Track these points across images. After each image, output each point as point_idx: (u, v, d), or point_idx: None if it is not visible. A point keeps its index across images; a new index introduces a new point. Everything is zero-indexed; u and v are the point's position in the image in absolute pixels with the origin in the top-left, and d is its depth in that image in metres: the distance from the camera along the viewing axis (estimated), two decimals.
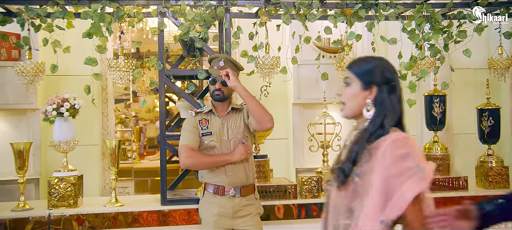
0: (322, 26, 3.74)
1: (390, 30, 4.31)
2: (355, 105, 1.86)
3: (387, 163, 1.71)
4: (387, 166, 1.71)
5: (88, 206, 3.64)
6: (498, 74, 3.89)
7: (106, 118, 4.86)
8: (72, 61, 4.31)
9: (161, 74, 3.56)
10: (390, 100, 1.83)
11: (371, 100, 1.82)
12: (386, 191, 1.70)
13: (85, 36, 3.48)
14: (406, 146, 1.73)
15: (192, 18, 3.49)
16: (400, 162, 1.70)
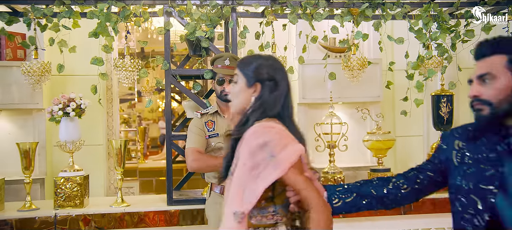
0: (328, 26, 3.73)
1: (397, 30, 4.30)
2: (241, 102, 1.94)
3: (245, 156, 1.77)
4: (245, 159, 1.77)
5: (94, 206, 3.63)
6: None
7: (111, 117, 4.85)
8: (77, 61, 4.30)
9: (167, 74, 3.55)
10: (274, 97, 1.91)
11: (255, 97, 1.91)
12: (244, 185, 1.76)
13: (91, 35, 3.47)
14: (264, 135, 1.78)
15: (199, 17, 3.47)
16: (256, 153, 1.77)
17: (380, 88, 4.63)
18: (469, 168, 1.94)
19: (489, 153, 1.90)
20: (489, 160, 1.89)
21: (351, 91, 4.44)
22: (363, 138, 4.06)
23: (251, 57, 2.00)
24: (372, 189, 2.16)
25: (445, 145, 2.10)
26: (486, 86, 1.85)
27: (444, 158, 2.07)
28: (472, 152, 1.96)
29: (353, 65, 3.75)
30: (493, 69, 1.84)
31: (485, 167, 1.89)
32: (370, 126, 4.47)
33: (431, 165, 2.14)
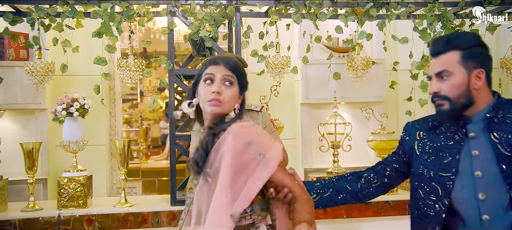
0: (333, 26, 3.72)
1: (400, 30, 4.29)
2: (231, 107, 1.92)
3: (230, 157, 1.76)
4: (230, 159, 1.75)
5: (97, 207, 3.62)
6: (511, 73, 3.86)
7: (113, 117, 4.84)
8: (79, 61, 4.30)
9: (171, 74, 3.54)
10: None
11: (239, 104, 1.94)
12: (232, 185, 1.75)
13: (95, 35, 3.46)
14: (247, 135, 1.80)
15: (202, 17, 3.46)
16: (243, 153, 1.77)
17: (383, 88, 4.62)
18: (429, 156, 2.05)
19: (448, 141, 2.01)
20: (447, 148, 2.00)
21: (354, 91, 4.43)
22: (367, 138, 4.05)
23: (242, 64, 2.04)
24: (347, 185, 2.26)
25: (408, 136, 2.20)
26: (444, 83, 1.94)
27: (408, 148, 2.16)
28: (432, 141, 2.06)
29: (358, 65, 3.74)
30: (448, 66, 1.94)
31: (443, 155, 2.00)
32: (373, 126, 4.46)
33: (396, 156, 2.24)
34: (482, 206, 1.89)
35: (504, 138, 1.88)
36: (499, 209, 1.86)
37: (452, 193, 1.94)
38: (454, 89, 1.94)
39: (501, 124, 1.91)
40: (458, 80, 1.93)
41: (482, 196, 1.89)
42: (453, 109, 1.95)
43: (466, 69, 1.93)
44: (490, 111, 1.95)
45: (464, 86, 1.93)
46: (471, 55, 1.94)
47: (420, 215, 2.06)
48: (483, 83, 1.96)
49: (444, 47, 1.98)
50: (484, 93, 1.97)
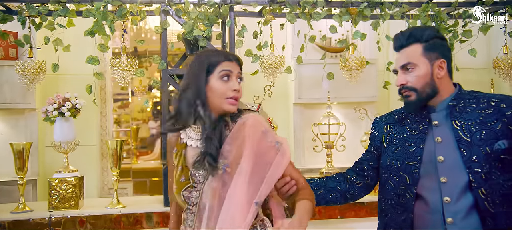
0: (326, 26, 3.71)
1: (393, 30, 4.28)
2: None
3: (252, 145, 1.79)
4: (252, 147, 1.79)
5: (89, 208, 3.57)
6: (503, 74, 3.88)
7: (104, 118, 4.78)
8: (70, 60, 4.23)
9: (164, 73, 3.50)
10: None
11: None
12: (256, 172, 1.77)
13: (87, 34, 3.42)
14: (263, 123, 1.86)
15: (196, 16, 3.43)
16: (262, 141, 1.81)
17: (375, 88, 4.62)
18: (396, 147, 2.16)
19: (413, 131, 2.12)
20: (412, 137, 2.11)
21: (346, 91, 4.43)
22: (361, 138, 4.04)
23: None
24: (337, 185, 2.33)
25: (377, 131, 2.31)
26: (410, 74, 2.05)
27: (378, 143, 2.27)
28: (399, 132, 2.18)
29: (352, 65, 3.73)
30: (412, 59, 2.05)
31: (409, 144, 2.11)
32: (365, 126, 4.46)
33: (370, 154, 2.34)
34: (444, 188, 2.00)
35: (465, 125, 2.00)
36: (459, 190, 1.97)
37: (419, 180, 2.06)
38: (420, 80, 2.04)
39: (462, 112, 2.03)
40: (422, 71, 2.03)
41: (443, 179, 2.00)
42: (419, 99, 2.06)
43: (429, 60, 2.05)
44: (452, 101, 2.06)
45: (428, 77, 2.04)
46: (433, 46, 2.05)
47: (394, 204, 2.14)
48: (446, 73, 2.07)
49: (407, 40, 2.08)
50: (446, 83, 2.09)
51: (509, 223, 1.94)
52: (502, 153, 1.94)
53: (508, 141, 1.94)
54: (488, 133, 1.96)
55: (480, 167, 1.94)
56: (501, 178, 1.94)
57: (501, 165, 1.94)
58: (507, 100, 2.00)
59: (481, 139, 1.96)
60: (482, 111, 2.01)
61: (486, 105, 2.02)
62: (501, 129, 1.96)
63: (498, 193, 1.94)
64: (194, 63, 1.91)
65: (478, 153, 1.95)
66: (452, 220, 1.98)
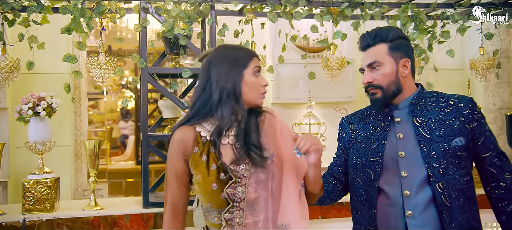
0: (308, 25, 3.70)
1: None
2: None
3: (286, 134, 1.89)
4: (286, 136, 1.89)
5: (65, 210, 3.47)
6: (479, 74, 3.95)
7: (79, 117, 4.67)
8: (42, 58, 4.10)
9: (143, 72, 3.43)
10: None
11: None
12: (293, 161, 1.85)
13: (64, 31, 3.32)
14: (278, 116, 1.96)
15: (176, 14, 3.38)
16: (286, 131, 1.91)
17: (353, 88, 4.64)
18: (360, 145, 2.24)
19: (375, 129, 2.20)
20: (375, 134, 2.19)
21: (324, 91, 4.43)
22: None
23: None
24: (324, 186, 2.34)
25: (344, 132, 2.38)
26: (376, 73, 2.13)
27: (346, 143, 2.33)
28: (363, 130, 2.25)
29: (333, 65, 3.74)
30: (379, 57, 2.13)
31: (372, 141, 2.19)
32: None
33: (340, 158, 2.39)
34: (404, 182, 2.09)
35: (425, 123, 2.10)
36: (418, 184, 2.07)
37: (381, 175, 2.16)
38: (385, 78, 2.12)
39: (423, 110, 2.13)
40: (388, 70, 2.11)
41: (404, 173, 2.10)
42: (385, 97, 2.13)
43: (394, 59, 2.13)
44: (414, 99, 2.15)
45: (394, 75, 2.12)
46: (397, 46, 2.14)
47: (363, 201, 2.22)
48: (409, 72, 2.16)
49: (373, 40, 2.16)
50: (410, 82, 2.18)
51: (464, 216, 2.05)
52: (459, 149, 2.06)
53: (465, 138, 2.07)
54: (446, 130, 2.07)
55: (438, 163, 2.05)
56: (457, 173, 2.05)
57: (457, 161, 2.06)
58: (464, 100, 2.12)
59: (440, 136, 2.07)
60: (442, 110, 2.11)
61: (445, 104, 2.13)
62: (458, 127, 2.07)
63: (454, 188, 2.05)
64: (225, 59, 1.88)
65: (437, 149, 2.06)
66: (412, 212, 2.07)
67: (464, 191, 2.06)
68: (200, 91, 1.88)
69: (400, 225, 2.10)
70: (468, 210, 2.07)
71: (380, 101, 2.16)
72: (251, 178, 1.82)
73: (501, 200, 2.11)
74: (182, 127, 1.89)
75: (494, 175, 2.12)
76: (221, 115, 1.83)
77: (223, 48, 1.95)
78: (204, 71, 1.90)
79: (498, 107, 4.91)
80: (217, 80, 1.84)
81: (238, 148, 1.85)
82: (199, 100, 1.87)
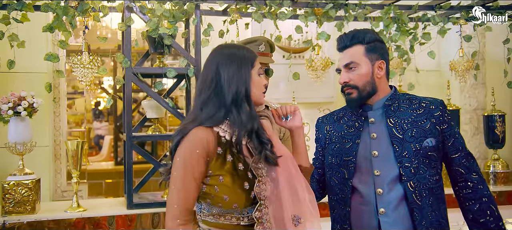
0: (293, 25, 3.72)
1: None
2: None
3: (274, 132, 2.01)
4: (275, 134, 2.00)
5: (47, 212, 3.41)
6: (459, 75, 4.03)
7: (58, 117, 4.56)
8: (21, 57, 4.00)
9: (127, 71, 3.39)
10: None
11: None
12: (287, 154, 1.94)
13: (46, 30, 3.26)
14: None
15: (161, 14, 3.35)
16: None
17: (334, 89, 4.68)
18: (335, 145, 2.28)
19: (349, 129, 2.25)
20: (349, 134, 2.24)
21: (305, 92, 4.46)
22: None
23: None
24: (314, 185, 2.39)
25: (320, 133, 2.43)
26: (352, 73, 2.17)
27: (323, 144, 2.38)
28: (337, 130, 2.30)
29: (317, 66, 3.76)
30: (355, 58, 2.17)
31: (346, 141, 2.24)
32: None
33: (318, 161, 2.43)
34: (377, 181, 2.14)
35: (398, 123, 2.16)
36: (390, 182, 2.12)
37: (354, 174, 2.21)
38: (361, 78, 2.16)
39: (396, 111, 2.18)
40: (364, 70, 2.16)
41: (377, 172, 2.15)
42: (360, 97, 2.17)
43: (370, 61, 2.17)
44: (388, 100, 2.20)
45: (369, 76, 2.16)
46: (373, 48, 2.18)
47: (338, 200, 2.26)
48: (384, 74, 2.21)
49: (350, 41, 2.20)
50: (384, 83, 2.23)
51: (433, 214, 2.12)
52: (429, 150, 2.12)
53: (435, 139, 2.13)
54: (418, 131, 2.13)
55: (409, 162, 2.10)
56: (427, 173, 2.12)
57: (428, 161, 2.12)
58: (435, 103, 2.19)
59: (412, 136, 2.12)
60: (414, 112, 2.17)
61: (418, 106, 2.19)
62: (430, 128, 2.13)
63: (424, 187, 2.11)
64: (234, 59, 1.85)
65: (409, 148, 2.11)
66: (384, 210, 2.12)
67: (434, 190, 2.13)
68: (208, 93, 1.82)
69: (373, 223, 2.14)
70: (437, 208, 2.14)
71: (355, 101, 2.20)
72: (268, 176, 1.84)
73: (468, 199, 2.19)
74: (200, 127, 1.80)
75: (462, 174, 2.20)
76: (240, 118, 1.80)
77: (228, 48, 1.91)
78: (210, 72, 1.84)
79: (474, 108, 5.01)
80: (229, 81, 1.81)
81: (252, 147, 1.86)
82: (210, 103, 1.82)
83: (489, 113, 4.18)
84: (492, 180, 4.11)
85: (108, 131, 9.05)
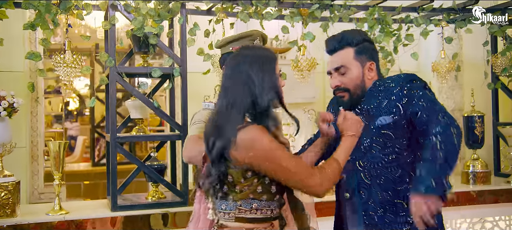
0: (279, 25, 3.71)
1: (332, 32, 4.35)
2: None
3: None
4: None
5: (27, 215, 3.31)
6: (441, 77, 4.09)
7: (35, 118, 4.45)
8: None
9: (112, 71, 3.32)
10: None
11: None
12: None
13: (27, 27, 3.16)
14: None
15: (146, 12, 3.29)
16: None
17: (315, 89, 4.69)
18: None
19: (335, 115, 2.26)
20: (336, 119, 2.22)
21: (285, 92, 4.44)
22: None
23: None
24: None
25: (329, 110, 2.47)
26: (343, 76, 2.18)
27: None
28: (334, 114, 2.30)
29: (303, 66, 3.77)
30: (345, 62, 2.18)
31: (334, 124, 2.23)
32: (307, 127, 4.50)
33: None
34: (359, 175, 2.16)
35: (365, 108, 2.18)
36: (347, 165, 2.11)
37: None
38: (352, 81, 2.18)
39: (367, 99, 2.19)
40: (354, 73, 2.17)
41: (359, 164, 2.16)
42: (351, 99, 2.19)
43: (360, 63, 2.18)
44: (369, 89, 2.21)
45: (360, 78, 2.18)
46: (363, 50, 2.19)
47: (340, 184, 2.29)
48: (375, 74, 2.21)
49: (339, 44, 2.21)
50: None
51: (384, 194, 2.10)
52: (383, 128, 2.10)
53: (392, 117, 2.08)
54: (375, 110, 2.13)
55: (360, 141, 2.10)
56: (380, 152, 2.10)
57: (382, 139, 2.10)
58: (397, 80, 2.13)
59: (369, 116, 2.14)
60: (379, 94, 2.15)
61: (383, 88, 2.16)
62: (386, 106, 2.10)
63: (376, 166, 2.10)
64: (261, 60, 1.89)
65: (365, 129, 2.11)
66: (348, 194, 2.19)
67: (386, 169, 2.09)
68: (240, 94, 1.85)
69: (345, 206, 2.23)
70: (391, 188, 2.09)
71: (347, 103, 2.22)
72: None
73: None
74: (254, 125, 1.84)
75: (422, 135, 2.01)
76: (274, 118, 1.86)
77: (254, 49, 1.97)
78: (239, 73, 1.87)
79: (451, 109, 5.09)
80: (263, 84, 1.85)
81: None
82: (245, 103, 1.84)
83: (469, 114, 4.25)
84: (472, 180, 4.18)
85: (80, 131, 8.88)
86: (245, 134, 1.80)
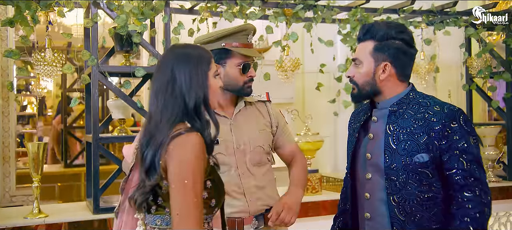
0: (263, 26, 3.70)
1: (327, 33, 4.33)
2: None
3: None
4: None
5: (4, 220, 3.18)
6: (420, 78, 4.16)
7: (6, 118, 4.29)
8: None
9: (94, 70, 3.23)
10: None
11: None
12: None
13: (5, 24, 3.04)
14: None
15: (130, 10, 3.22)
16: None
17: (293, 90, 4.70)
18: (351, 136, 2.26)
19: (357, 123, 2.23)
20: (357, 127, 2.21)
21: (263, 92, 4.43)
22: None
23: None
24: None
25: (349, 129, 2.35)
26: (357, 69, 2.10)
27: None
28: (355, 122, 2.27)
29: (287, 67, 3.76)
30: (361, 55, 2.08)
31: (354, 133, 2.21)
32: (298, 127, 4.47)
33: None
34: (367, 184, 2.10)
35: (396, 133, 2.02)
36: (377, 190, 2.06)
37: (352, 169, 2.20)
38: (362, 77, 2.08)
39: (399, 118, 2.04)
40: (365, 70, 2.07)
41: (368, 175, 2.10)
42: (359, 94, 2.12)
43: (375, 60, 2.05)
44: (393, 106, 2.07)
45: (370, 76, 2.06)
46: (383, 47, 2.03)
47: (345, 191, 2.29)
48: (389, 76, 2.05)
49: (363, 35, 2.10)
50: (391, 84, 2.08)
51: None
52: (420, 166, 1.97)
53: (429, 155, 1.97)
54: (412, 145, 1.98)
55: (396, 175, 1.99)
56: (417, 189, 1.98)
57: (419, 177, 1.98)
58: (439, 115, 1.99)
59: (404, 149, 1.99)
60: (415, 122, 2.01)
61: (422, 116, 2.01)
62: (425, 142, 1.97)
63: (411, 203, 1.99)
64: (190, 59, 1.78)
65: (399, 162, 1.99)
66: (369, 215, 2.09)
67: (422, 207, 1.99)
68: (166, 96, 1.69)
69: (363, 223, 2.14)
70: (427, 227, 2.00)
71: (355, 97, 2.16)
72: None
73: (453, 217, 1.97)
74: (193, 131, 1.67)
75: (453, 195, 1.98)
76: (205, 122, 1.71)
77: (184, 47, 1.79)
78: (167, 73, 1.71)
79: None
80: (190, 84, 1.69)
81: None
82: (170, 107, 1.69)
83: None
84: None
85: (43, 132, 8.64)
86: (176, 143, 1.64)
